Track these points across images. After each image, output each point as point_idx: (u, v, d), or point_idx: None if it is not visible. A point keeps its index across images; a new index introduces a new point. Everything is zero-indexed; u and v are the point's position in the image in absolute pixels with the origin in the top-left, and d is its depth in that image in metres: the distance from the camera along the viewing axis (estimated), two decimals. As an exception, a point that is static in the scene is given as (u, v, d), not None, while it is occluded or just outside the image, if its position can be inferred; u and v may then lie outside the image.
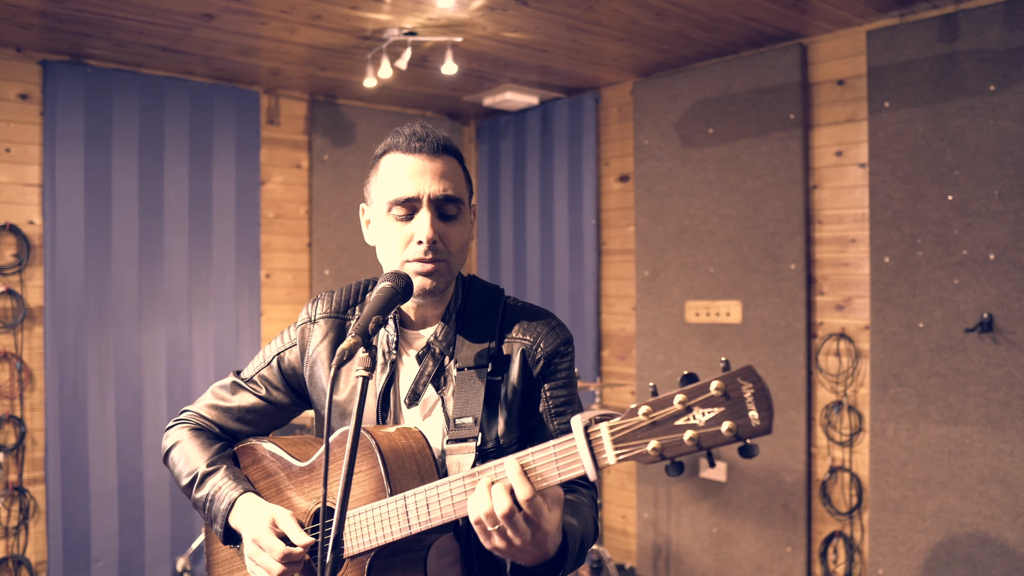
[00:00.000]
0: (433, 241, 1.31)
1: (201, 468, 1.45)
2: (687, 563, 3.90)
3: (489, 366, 1.35)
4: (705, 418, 0.95)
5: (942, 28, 3.02)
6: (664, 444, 0.97)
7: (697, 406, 0.96)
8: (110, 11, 3.10)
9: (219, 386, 1.56)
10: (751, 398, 0.93)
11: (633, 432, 0.99)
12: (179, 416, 1.58)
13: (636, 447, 0.98)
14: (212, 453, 1.47)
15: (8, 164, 3.53)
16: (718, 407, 0.94)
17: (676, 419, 0.97)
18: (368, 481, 1.26)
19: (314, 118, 4.43)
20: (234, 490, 1.40)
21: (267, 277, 4.29)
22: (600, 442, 1.01)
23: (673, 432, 0.96)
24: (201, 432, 1.52)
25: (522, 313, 1.42)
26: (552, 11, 3.18)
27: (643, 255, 4.10)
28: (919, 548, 3.10)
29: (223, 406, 1.53)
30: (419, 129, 1.37)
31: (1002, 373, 2.89)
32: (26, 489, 3.54)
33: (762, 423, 0.92)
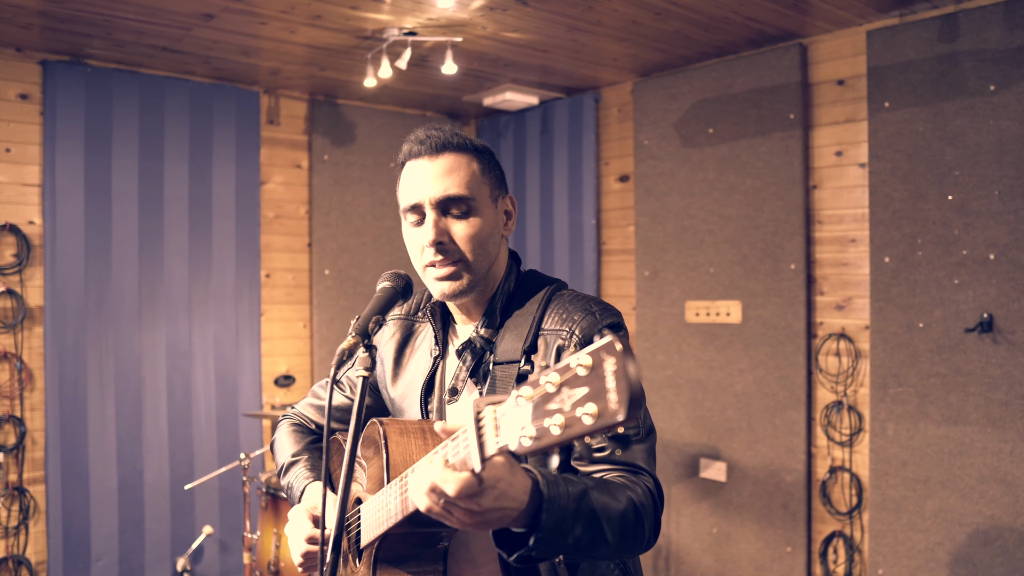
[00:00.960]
0: (439, 243, 1.30)
1: (287, 460, 1.59)
2: (687, 563, 3.90)
3: (522, 360, 1.31)
4: (571, 401, 0.79)
5: (942, 28, 3.02)
6: (538, 431, 0.81)
7: (566, 387, 0.79)
8: (110, 11, 3.10)
9: (318, 385, 1.69)
10: (611, 376, 0.75)
11: (513, 418, 0.84)
12: (286, 412, 1.73)
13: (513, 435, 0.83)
14: (301, 447, 1.60)
15: (8, 164, 3.53)
16: (583, 387, 0.78)
17: (548, 402, 0.81)
18: (379, 471, 1.28)
19: (314, 118, 4.43)
20: (305, 479, 1.53)
21: (267, 277, 4.29)
22: (484, 429, 0.89)
23: (545, 417, 0.80)
24: (299, 427, 1.66)
25: (565, 303, 1.34)
26: (552, 11, 3.18)
27: (643, 255, 4.10)
28: (919, 548, 3.09)
29: (317, 404, 1.66)
30: (421, 132, 1.36)
31: (1002, 373, 2.89)
32: (26, 489, 3.54)
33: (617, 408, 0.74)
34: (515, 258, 1.46)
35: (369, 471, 1.33)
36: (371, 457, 1.33)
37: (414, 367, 1.49)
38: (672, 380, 3.95)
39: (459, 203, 1.31)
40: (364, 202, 4.56)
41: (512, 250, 1.48)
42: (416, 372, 1.47)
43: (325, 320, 4.43)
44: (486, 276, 1.36)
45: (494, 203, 1.37)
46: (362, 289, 4.53)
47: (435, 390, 1.43)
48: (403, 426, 1.31)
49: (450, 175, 1.32)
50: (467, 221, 1.32)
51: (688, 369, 3.89)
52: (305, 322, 4.43)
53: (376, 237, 4.60)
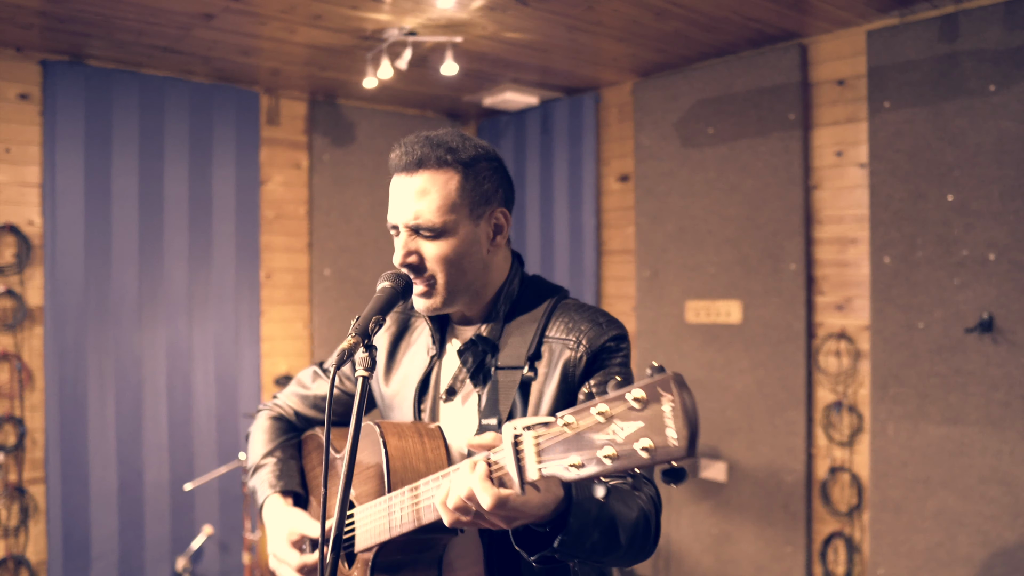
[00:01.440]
0: (408, 264, 1.31)
1: (256, 460, 1.58)
2: (687, 563, 3.90)
3: (526, 366, 1.32)
4: (624, 434, 0.80)
5: (942, 28, 3.02)
6: (584, 461, 0.84)
7: (617, 419, 0.81)
8: (110, 11, 3.10)
9: (303, 373, 1.67)
10: (670, 413, 0.77)
11: (555, 444, 0.87)
12: (268, 402, 1.69)
13: (557, 462, 0.86)
14: (274, 445, 1.58)
15: (8, 164, 3.53)
16: (637, 422, 0.80)
17: (596, 433, 0.83)
18: (375, 478, 1.28)
19: (314, 118, 4.43)
20: (270, 488, 1.52)
21: (267, 277, 4.29)
22: (524, 454, 0.92)
23: (593, 448, 0.83)
24: (277, 420, 1.63)
25: (571, 312, 1.37)
26: (552, 11, 3.18)
27: (643, 255, 4.10)
28: (919, 548, 3.09)
29: (302, 393, 1.63)
30: (403, 146, 1.33)
31: (1002, 373, 2.89)
32: (26, 489, 3.54)
33: (679, 444, 0.77)
34: (519, 260, 1.46)
35: (361, 475, 1.32)
36: (364, 459, 1.32)
37: (408, 364, 1.48)
38: (672, 380, 3.95)
39: (426, 229, 1.30)
40: (364, 202, 4.56)
41: (516, 252, 1.47)
42: (411, 370, 1.47)
43: (325, 320, 4.43)
44: (468, 290, 1.35)
45: (475, 220, 1.33)
46: (362, 289, 4.53)
47: (429, 390, 1.43)
48: (400, 430, 1.30)
49: (422, 197, 1.29)
50: (437, 242, 1.30)
51: (688, 369, 3.89)
52: (305, 322, 4.43)
53: (376, 237, 4.60)
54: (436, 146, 1.30)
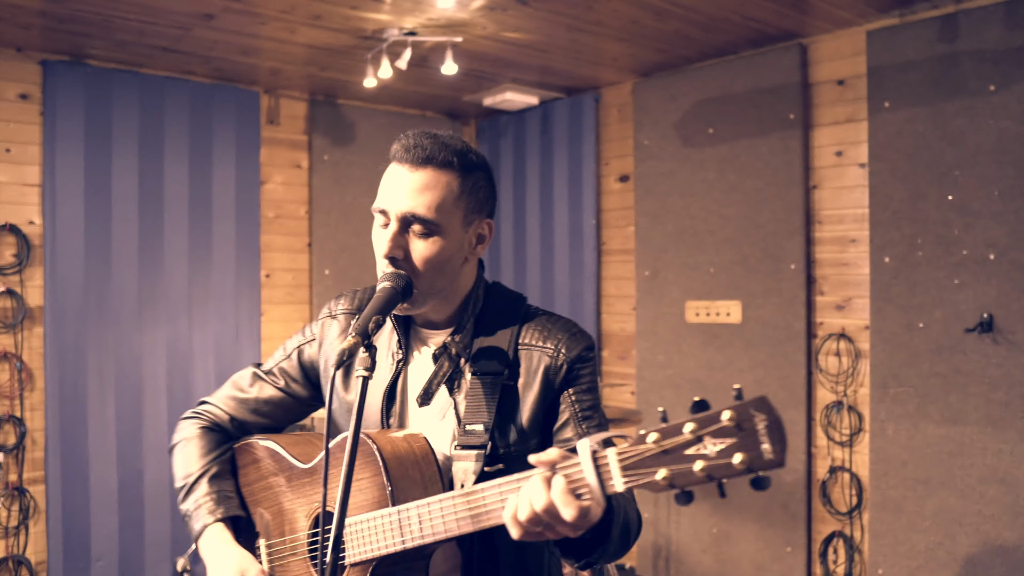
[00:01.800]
0: (392, 257, 1.29)
1: (191, 479, 1.45)
2: (687, 563, 3.90)
3: (505, 373, 1.34)
4: (716, 449, 0.92)
5: (942, 28, 3.02)
6: (674, 473, 0.94)
7: (708, 436, 0.92)
8: (110, 11, 3.10)
9: (239, 376, 1.56)
10: (764, 430, 0.89)
11: (642, 460, 0.97)
12: (196, 408, 1.57)
13: (644, 475, 0.96)
14: (208, 461, 1.47)
15: (8, 164, 3.53)
16: (730, 438, 0.91)
17: (686, 448, 0.94)
18: (370, 489, 1.25)
19: (314, 118, 4.43)
20: (210, 515, 1.40)
21: (267, 277, 4.29)
22: (607, 468, 1.00)
23: (683, 462, 0.94)
24: (208, 432, 1.52)
25: (543, 320, 1.41)
26: (552, 11, 3.18)
27: (643, 255, 4.10)
28: (919, 548, 3.10)
29: (241, 397, 1.53)
30: (413, 138, 1.33)
31: (1002, 373, 2.89)
32: (26, 489, 3.54)
33: (775, 456, 0.89)
34: (481, 265, 1.46)
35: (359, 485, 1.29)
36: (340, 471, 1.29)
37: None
38: (672, 380, 3.95)
39: (422, 223, 1.29)
40: (364, 202, 4.56)
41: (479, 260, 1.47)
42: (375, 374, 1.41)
43: (325, 320, 4.43)
44: (440, 294, 1.36)
45: (465, 227, 1.34)
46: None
47: (396, 396, 1.40)
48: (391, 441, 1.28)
49: (422, 193, 1.29)
50: (427, 242, 1.30)
51: (688, 369, 3.89)
52: (305, 322, 4.42)
53: (376, 237, 4.60)
54: (444, 147, 1.31)
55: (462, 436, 1.31)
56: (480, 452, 1.29)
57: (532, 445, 1.35)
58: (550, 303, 4.60)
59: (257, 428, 1.54)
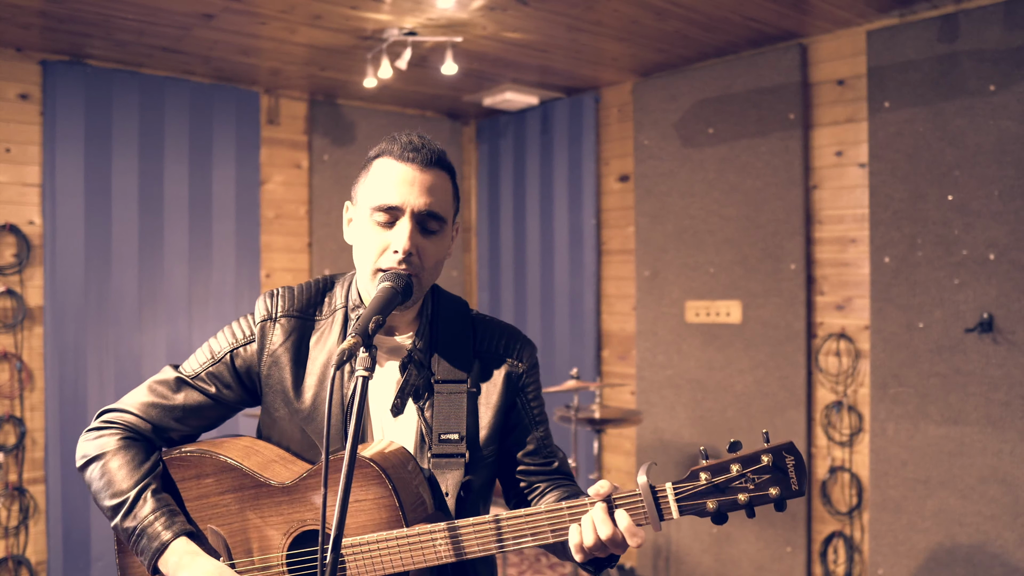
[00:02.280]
0: (409, 253, 1.29)
1: (131, 495, 1.31)
2: (687, 563, 3.90)
3: (468, 380, 1.36)
4: (756, 483, 1.18)
5: (942, 28, 3.02)
6: (721, 503, 1.18)
7: (751, 473, 1.18)
8: (110, 11, 3.10)
9: (158, 382, 1.42)
10: (792, 469, 1.18)
11: (695, 493, 1.19)
12: (104, 418, 1.41)
13: (697, 505, 1.19)
14: (143, 474, 1.34)
15: (8, 164, 3.53)
16: (767, 474, 1.17)
17: (732, 483, 1.18)
18: (375, 511, 1.23)
19: (314, 118, 4.43)
20: (166, 530, 1.29)
21: (267, 277, 4.29)
22: (666, 501, 1.19)
23: (730, 494, 1.18)
24: (131, 444, 1.37)
25: (492, 327, 1.45)
26: (552, 11, 3.18)
27: (643, 255, 4.10)
28: (919, 548, 3.10)
29: (165, 404, 1.40)
30: (415, 139, 1.34)
31: (1002, 373, 2.89)
32: (26, 489, 3.54)
33: (799, 488, 1.18)
34: None
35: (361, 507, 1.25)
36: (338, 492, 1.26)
37: (324, 375, 1.37)
38: (672, 380, 3.95)
39: (436, 221, 1.32)
40: (364, 202, 4.56)
41: None
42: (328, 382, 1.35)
43: (325, 320, 4.43)
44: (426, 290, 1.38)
45: (452, 226, 1.40)
46: (362, 289, 4.53)
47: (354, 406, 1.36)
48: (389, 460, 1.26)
49: (435, 192, 1.32)
50: (435, 239, 1.33)
51: (688, 369, 3.89)
52: (305, 322, 4.42)
53: (376, 237, 4.60)
54: (441, 151, 1.36)
55: (438, 445, 1.31)
56: (460, 459, 1.31)
57: (493, 451, 1.39)
58: (550, 303, 4.60)
59: (179, 435, 1.43)
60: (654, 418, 4.02)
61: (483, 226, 5.09)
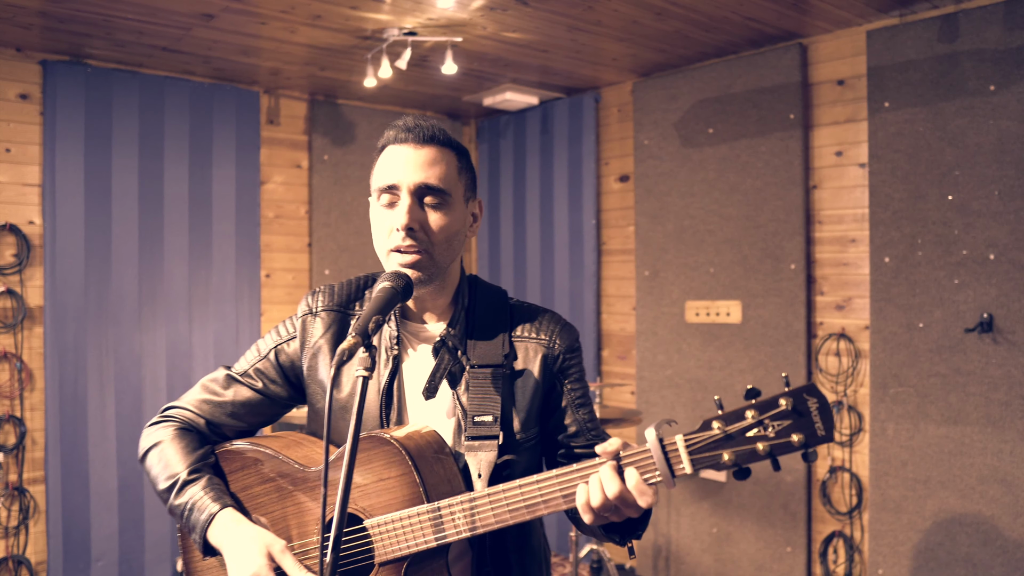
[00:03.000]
0: (411, 228, 1.31)
1: (183, 475, 1.38)
2: (687, 563, 3.90)
3: (503, 364, 1.37)
4: (776, 430, 1.07)
5: (942, 28, 3.02)
6: (738, 454, 1.08)
7: (768, 419, 1.07)
8: (110, 11, 3.10)
9: (210, 380, 1.50)
10: (816, 412, 1.06)
11: (708, 444, 1.09)
12: (164, 413, 1.50)
13: (712, 458, 1.09)
14: (196, 458, 1.41)
15: (8, 164, 3.53)
16: (787, 420, 1.06)
17: (748, 431, 1.08)
18: (399, 488, 1.26)
19: (314, 118, 4.43)
20: (214, 503, 1.35)
21: (267, 277, 4.29)
22: (677, 454, 1.11)
23: (746, 443, 1.08)
24: (186, 433, 1.45)
25: (530, 312, 1.46)
26: (552, 11, 3.18)
27: (643, 255, 4.10)
28: (919, 548, 3.10)
29: (216, 400, 1.47)
30: (410, 120, 1.38)
31: (1002, 373, 2.89)
32: (26, 489, 3.54)
33: (827, 433, 1.06)
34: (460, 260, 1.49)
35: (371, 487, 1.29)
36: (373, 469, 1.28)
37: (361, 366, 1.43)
38: (672, 380, 3.95)
39: (435, 194, 1.33)
40: (364, 202, 4.56)
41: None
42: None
43: (325, 320, 4.43)
44: (446, 271, 1.39)
45: (465, 203, 1.41)
46: (362, 289, 4.53)
47: (394, 393, 1.39)
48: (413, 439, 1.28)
49: (432, 166, 1.34)
50: (440, 213, 1.34)
51: (688, 369, 3.89)
52: (305, 322, 4.42)
53: (376, 237, 4.60)
54: (440, 129, 1.39)
55: (472, 428, 1.33)
56: (494, 442, 1.32)
57: (533, 433, 1.40)
58: (550, 303, 4.60)
59: (232, 431, 1.50)
60: (654, 418, 4.02)
61: (483, 225, 5.09)
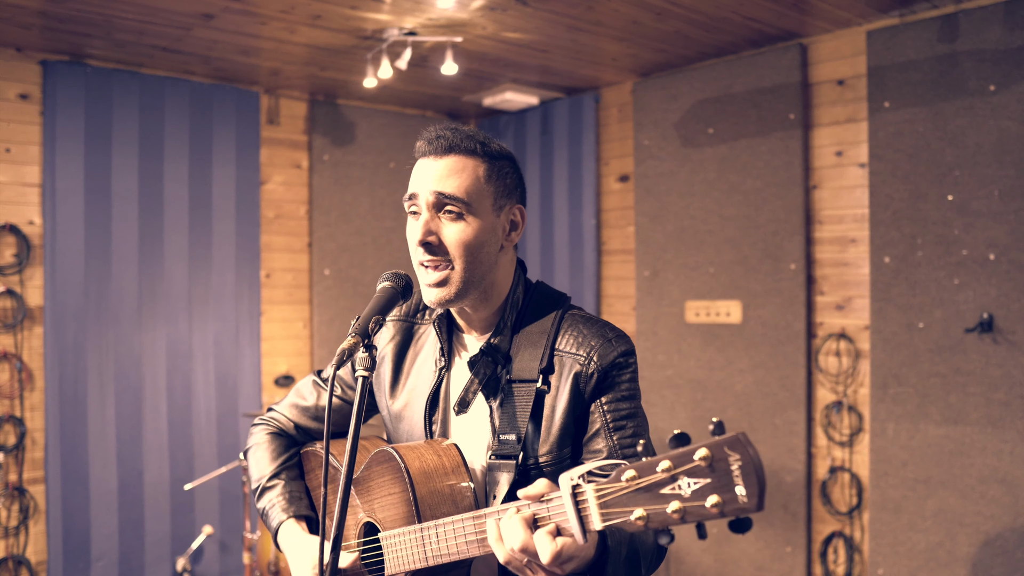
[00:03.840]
0: (427, 243, 1.28)
1: (264, 480, 1.52)
2: (687, 563, 3.90)
3: (539, 380, 1.30)
4: (691, 489, 0.86)
5: (942, 28, 3.02)
6: (649, 513, 0.89)
7: (683, 475, 0.87)
8: (110, 11, 3.10)
9: (301, 384, 1.61)
10: (738, 471, 0.83)
11: (619, 498, 0.92)
12: (265, 415, 1.63)
13: (621, 514, 0.91)
14: (279, 464, 1.54)
15: (8, 164, 3.53)
16: (704, 478, 0.85)
17: (661, 487, 0.89)
18: (399, 505, 1.26)
19: (314, 118, 4.43)
20: (283, 512, 1.47)
21: (267, 277, 4.29)
22: (586, 504, 0.96)
23: (658, 502, 0.89)
24: (277, 437, 1.58)
25: (578, 325, 1.35)
26: (552, 11, 3.18)
27: (643, 255, 4.10)
28: (919, 548, 3.09)
29: (302, 405, 1.57)
30: (433, 131, 1.34)
31: (1002, 373, 2.89)
32: (26, 489, 3.54)
33: (749, 501, 0.82)
34: (522, 267, 1.43)
35: (383, 500, 1.30)
36: (384, 483, 1.29)
37: (416, 376, 1.43)
38: (672, 380, 3.95)
39: (453, 203, 1.28)
40: (364, 202, 4.56)
41: (519, 259, 1.45)
42: (419, 382, 1.42)
43: (325, 320, 4.43)
44: (480, 284, 1.32)
45: (496, 211, 1.33)
46: (362, 289, 4.53)
47: (439, 403, 1.39)
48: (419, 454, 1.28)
49: (450, 176, 1.29)
50: (459, 224, 1.28)
51: (688, 369, 3.89)
52: (305, 322, 4.43)
53: (376, 237, 4.60)
54: (466, 136, 1.32)
55: (497, 446, 1.29)
56: (512, 463, 1.27)
57: (565, 454, 1.31)
58: (550, 303, 4.59)
59: (320, 433, 1.57)
60: (654, 418, 4.02)
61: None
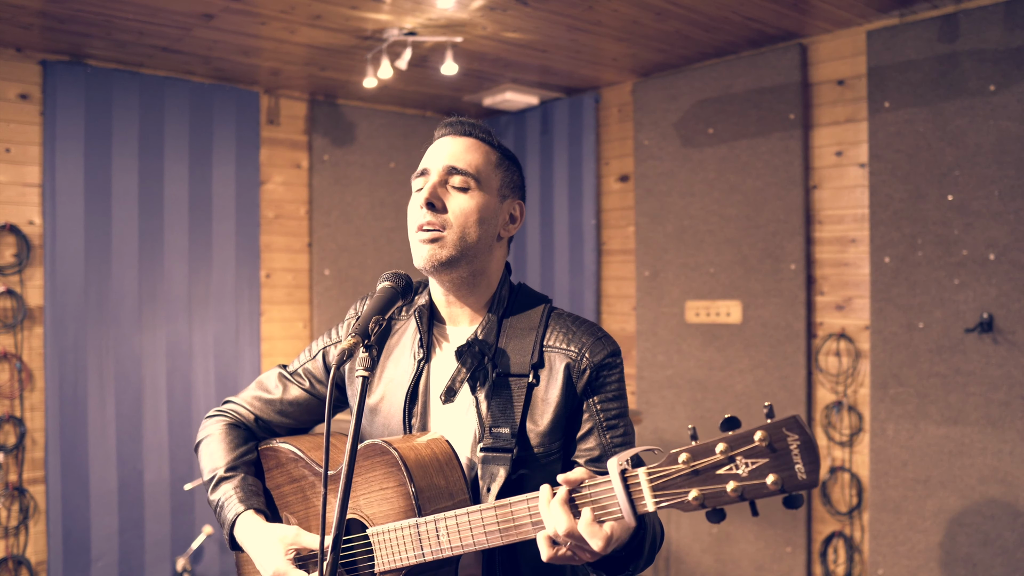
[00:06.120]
0: (431, 203, 1.31)
1: (220, 471, 1.46)
2: (687, 563, 3.90)
3: (530, 375, 1.32)
4: (748, 469, 0.92)
5: (942, 28, 3.02)
6: (705, 494, 0.94)
7: (740, 456, 0.92)
8: (110, 11, 3.10)
9: (265, 377, 1.58)
10: (796, 450, 0.89)
11: (672, 480, 0.96)
12: (220, 407, 1.58)
13: (676, 495, 0.95)
14: (235, 456, 1.48)
15: (8, 164, 3.53)
16: (762, 458, 0.91)
17: (718, 468, 0.93)
18: (396, 499, 1.25)
19: (314, 118, 4.43)
20: (240, 504, 1.41)
21: (267, 277, 4.29)
22: (639, 488, 1.00)
23: (715, 482, 0.93)
24: (234, 429, 1.53)
25: (566, 323, 1.38)
26: (552, 11, 3.18)
27: (643, 255, 4.10)
28: (919, 548, 3.10)
29: (267, 398, 1.55)
30: (454, 118, 1.42)
31: (1002, 373, 2.89)
32: (26, 489, 3.54)
33: (808, 477, 0.89)
34: (508, 268, 1.46)
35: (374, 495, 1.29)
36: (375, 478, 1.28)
37: (393, 369, 1.43)
38: (672, 380, 3.95)
39: (463, 177, 1.33)
40: (364, 202, 4.57)
41: (507, 262, 1.47)
42: (396, 374, 1.42)
43: (325, 320, 4.43)
44: (472, 262, 1.34)
45: (500, 198, 1.38)
46: (362, 289, 4.53)
47: (419, 396, 1.39)
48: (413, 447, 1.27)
49: (465, 153, 1.36)
50: (464, 195, 1.33)
51: (688, 369, 3.89)
52: (305, 322, 4.43)
53: (376, 237, 4.60)
54: (483, 129, 1.41)
55: (487, 439, 1.30)
56: (507, 456, 1.28)
57: (555, 448, 1.33)
58: (550, 303, 4.59)
59: (283, 429, 1.55)
60: (654, 418, 4.02)
61: (483, 226, 5.09)
